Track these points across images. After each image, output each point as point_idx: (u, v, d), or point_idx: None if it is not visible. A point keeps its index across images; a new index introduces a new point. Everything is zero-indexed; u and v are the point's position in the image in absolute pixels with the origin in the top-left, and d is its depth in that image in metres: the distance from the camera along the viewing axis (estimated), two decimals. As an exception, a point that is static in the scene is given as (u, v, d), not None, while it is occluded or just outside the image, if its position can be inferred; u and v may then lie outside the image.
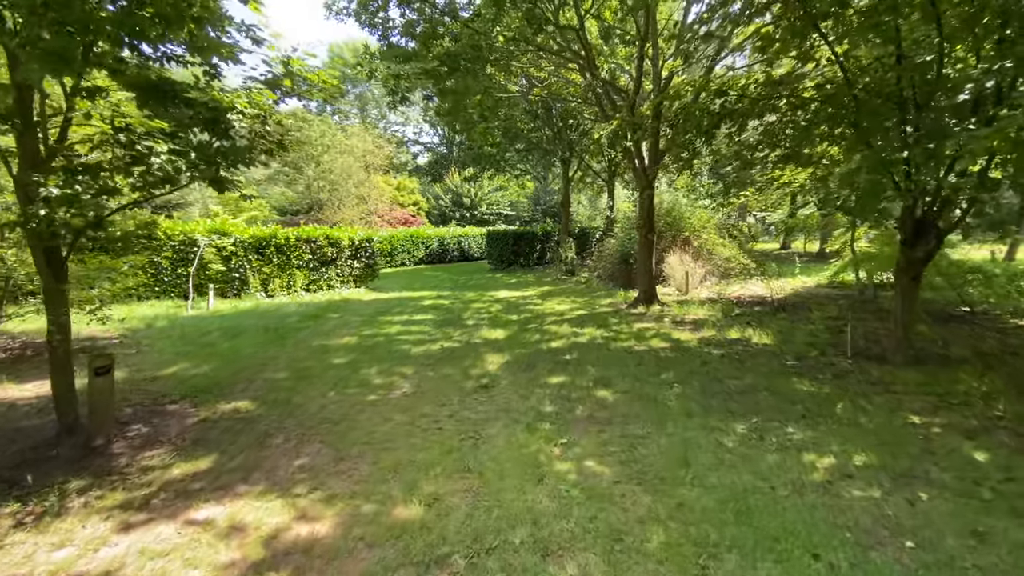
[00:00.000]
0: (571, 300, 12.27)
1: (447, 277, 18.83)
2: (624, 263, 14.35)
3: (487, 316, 10.05)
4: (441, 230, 26.38)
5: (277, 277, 13.88)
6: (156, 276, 12.01)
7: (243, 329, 7.77)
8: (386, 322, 9.31)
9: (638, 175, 10.57)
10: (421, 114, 47.89)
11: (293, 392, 4.95)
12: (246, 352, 6.36)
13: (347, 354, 6.42)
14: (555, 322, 9.21)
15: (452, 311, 10.83)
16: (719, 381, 5.27)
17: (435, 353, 6.59)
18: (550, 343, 7.36)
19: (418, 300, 12.88)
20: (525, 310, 10.81)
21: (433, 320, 9.50)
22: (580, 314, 10.16)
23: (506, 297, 13.10)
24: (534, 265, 21.82)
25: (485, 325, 8.90)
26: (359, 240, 15.70)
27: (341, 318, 9.80)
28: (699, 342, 7.41)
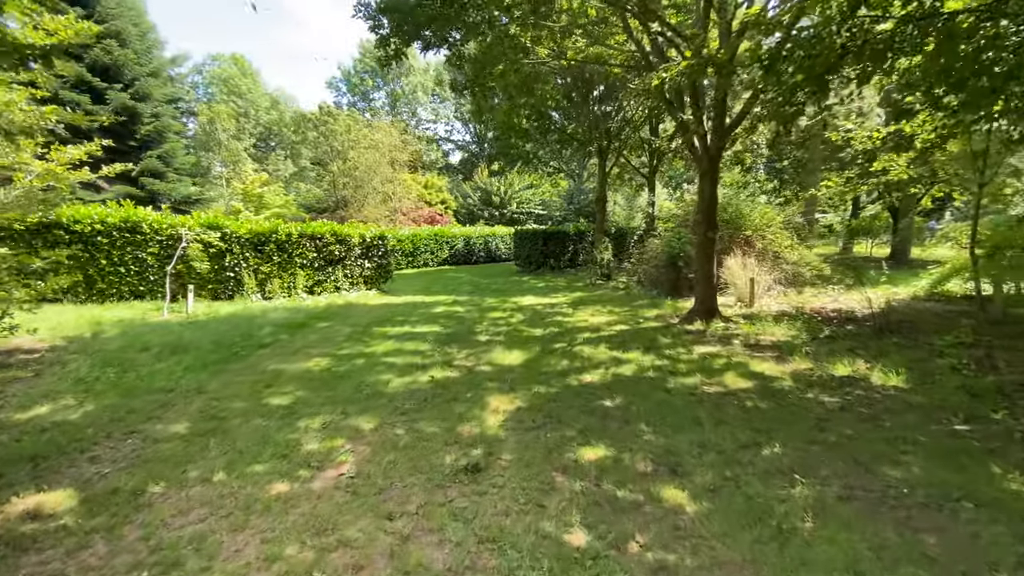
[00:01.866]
0: (608, 310, 10.23)
1: (469, 279, 17.08)
2: (672, 267, 12.18)
3: (504, 330, 8.17)
4: (467, 229, 24.73)
5: (277, 277, 12.44)
6: (141, 274, 10.74)
7: (194, 344, 6.17)
8: (380, 335, 7.56)
9: (697, 157, 8.46)
10: (453, 110, 46.61)
11: (164, 467, 3.13)
12: (159, 383, 4.66)
13: (299, 388, 4.67)
14: (589, 341, 7.24)
15: (464, 321, 9.01)
16: (866, 469, 3.17)
17: (420, 390, 4.73)
18: (581, 376, 5.40)
19: (430, 306, 11.13)
20: (552, 322, 8.87)
21: (438, 334, 7.69)
22: (621, 330, 8.13)
23: (531, 304, 11.18)
24: (565, 267, 19.82)
25: (499, 343, 7.02)
26: (371, 238, 14.13)
27: (329, 328, 8.14)
28: (794, 380, 5.30)
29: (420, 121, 48.70)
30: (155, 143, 21.50)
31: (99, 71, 19.04)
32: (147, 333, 6.98)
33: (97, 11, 19.10)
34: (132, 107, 19.87)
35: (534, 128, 19.18)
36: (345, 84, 47.35)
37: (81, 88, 18.58)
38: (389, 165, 28.68)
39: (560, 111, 19.69)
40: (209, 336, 6.77)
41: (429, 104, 47.30)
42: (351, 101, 46.64)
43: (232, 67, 46.48)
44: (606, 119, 18.76)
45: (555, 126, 20.20)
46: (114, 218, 10.43)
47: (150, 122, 20.86)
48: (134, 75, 20.24)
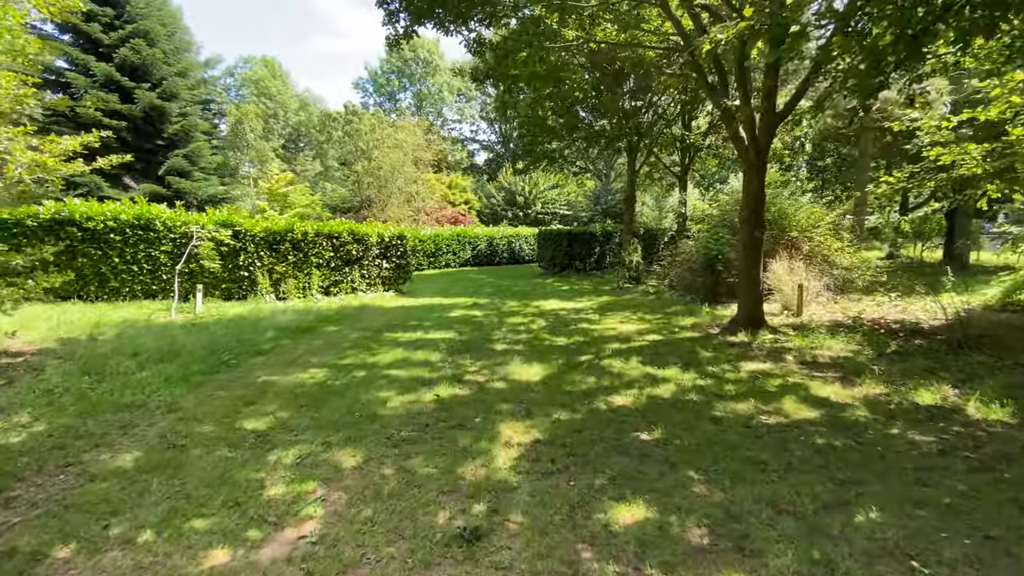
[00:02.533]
0: (639, 317, 9.39)
1: (490, 281, 16.42)
2: (708, 270, 11.22)
3: (524, 338, 7.44)
4: (490, 229, 24.11)
5: (292, 277, 12.03)
6: (154, 273, 10.46)
7: (186, 350, 5.67)
8: (388, 342, 6.94)
9: (743, 148, 7.56)
10: (478, 109, 46.16)
11: (85, 519, 2.46)
12: (130, 398, 4.04)
13: (283, 407, 4.04)
14: (619, 353, 6.44)
15: (482, 327, 8.33)
16: (1006, 552, 2.33)
17: (421, 413, 4.04)
18: (611, 397, 4.62)
19: (447, 309, 10.50)
20: (577, 330, 8.10)
21: (451, 342, 7.03)
22: (654, 340, 7.30)
23: (555, 309, 10.42)
24: (591, 270, 18.95)
25: (518, 354, 6.30)
26: (389, 237, 13.62)
27: (336, 333, 7.58)
28: (870, 409, 4.40)
29: (446, 121, 48.45)
30: (182, 142, 21.63)
31: (128, 70, 19.22)
32: (144, 336, 6.54)
33: (127, 11, 19.29)
34: (160, 106, 19.99)
35: (560, 125, 18.40)
36: (372, 85, 47.54)
37: (110, 87, 18.78)
38: (413, 165, 28.33)
39: (587, 106, 18.87)
40: (205, 341, 6.27)
41: (455, 104, 46.99)
42: (378, 102, 46.77)
43: (263, 69, 47.21)
44: (636, 114, 17.83)
45: (582, 123, 19.37)
46: (127, 215, 10.18)
47: (177, 121, 20.98)
48: (162, 74, 20.37)
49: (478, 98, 46.63)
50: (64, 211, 9.74)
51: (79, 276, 10.00)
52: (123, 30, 18.80)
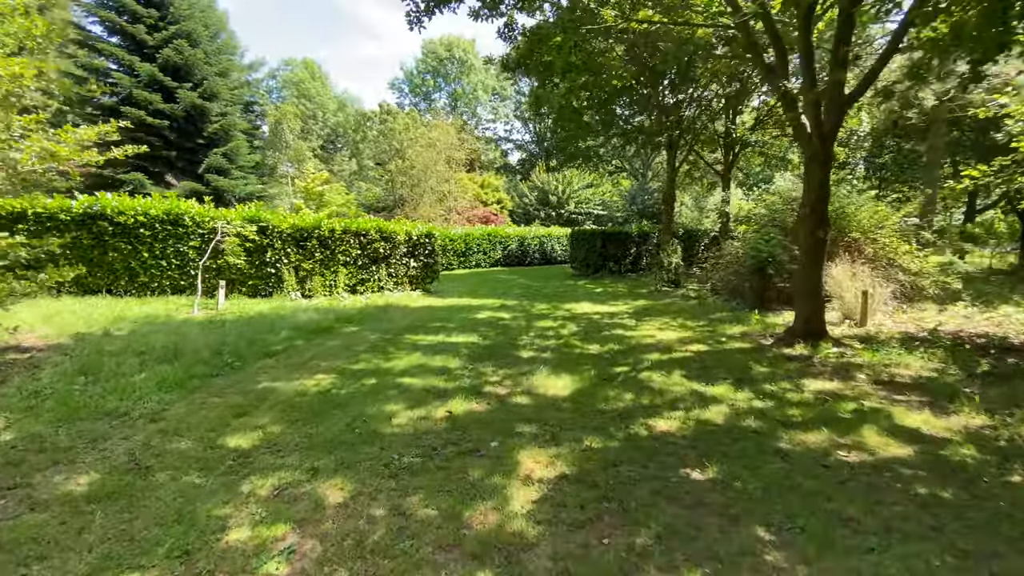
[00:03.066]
0: (679, 323, 8.61)
1: (520, 282, 15.85)
2: (758, 274, 10.28)
3: (553, 344, 6.82)
4: (522, 229, 23.55)
5: (318, 275, 11.81)
6: (182, 268, 10.40)
7: (193, 350, 5.34)
8: (407, 345, 6.46)
9: (804, 136, 6.70)
10: (512, 108, 45.73)
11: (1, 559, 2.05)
12: (115, 403, 3.68)
13: (276, 420, 3.57)
14: (659, 365, 5.74)
15: (508, 331, 7.76)
16: None
17: (429, 433, 3.49)
18: (652, 420, 3.95)
19: (473, 310, 9.99)
20: (612, 337, 7.41)
21: (473, 347, 6.48)
22: (699, 351, 6.54)
23: (587, 313, 9.74)
24: (626, 272, 18.10)
25: (545, 363, 5.70)
26: (417, 235, 13.26)
27: (355, 334, 7.16)
28: (976, 445, 3.59)
29: (480, 121, 48.25)
30: (221, 141, 22.08)
31: (170, 70, 19.73)
32: (157, 333, 6.29)
33: (171, 12, 19.82)
34: (200, 105, 20.44)
35: (595, 121, 17.65)
36: (407, 85, 47.83)
37: (153, 87, 19.31)
38: (445, 163, 28.11)
39: (625, 101, 18.03)
40: (216, 339, 5.95)
41: (489, 103, 46.71)
42: (413, 102, 47.02)
43: (303, 71, 48.28)
44: (678, 108, 16.87)
45: (619, 119, 18.54)
46: (156, 210, 10.15)
47: (217, 120, 21.42)
48: (203, 75, 20.83)
49: (512, 97, 46.21)
50: (96, 205, 9.78)
51: (110, 270, 10.04)
52: (167, 31, 19.32)
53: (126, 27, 18.51)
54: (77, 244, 9.66)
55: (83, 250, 9.74)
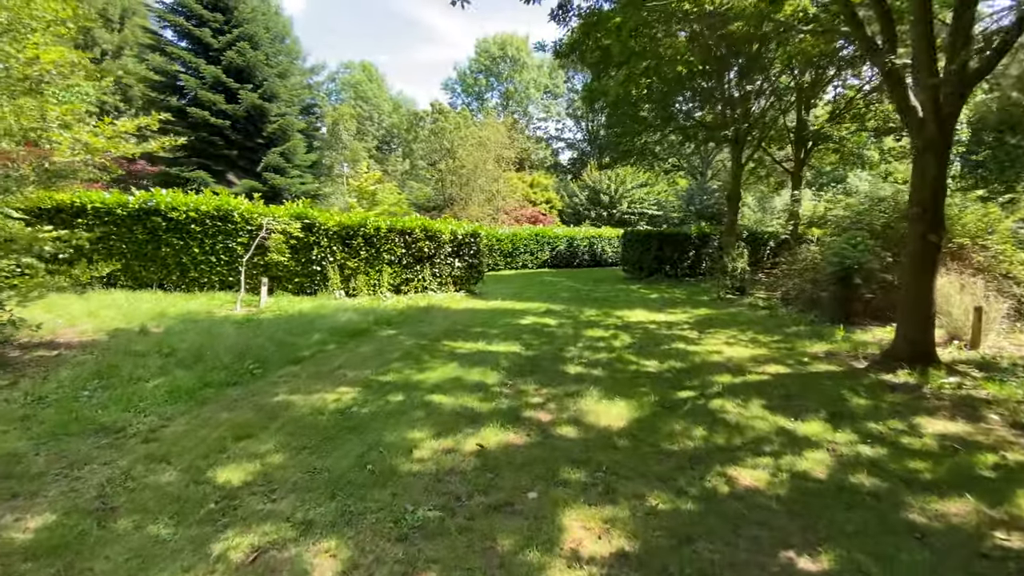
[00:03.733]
0: (750, 337, 7.60)
1: (568, 285, 15.07)
2: (843, 283, 9.02)
3: (604, 358, 6.07)
4: (571, 230, 22.72)
5: (363, 273, 11.60)
6: (230, 264, 10.44)
7: (216, 353, 5.03)
8: (444, 354, 5.93)
9: (916, 121, 5.57)
10: (565, 106, 44.82)
11: None
12: (112, 417, 3.32)
13: (281, 448, 3.06)
14: (732, 390, 4.88)
15: (554, 339, 7.07)
16: None
17: (455, 472, 2.87)
18: (734, 470, 3.15)
19: (518, 315, 9.37)
20: (672, 351, 6.56)
21: (515, 358, 5.85)
22: (778, 373, 5.59)
23: (642, 322, 8.87)
24: (683, 276, 16.90)
25: (595, 382, 4.97)
26: (462, 235, 12.82)
27: (391, 339, 6.72)
28: None
29: (531, 119, 47.63)
30: (279, 140, 22.71)
31: (233, 72, 20.45)
32: (189, 332, 6.10)
33: (235, 16, 20.54)
34: (260, 106, 21.09)
35: (653, 115, 16.58)
36: (460, 85, 48.00)
37: (217, 88, 20.08)
38: (495, 163, 27.71)
39: (687, 92, 16.83)
40: (246, 341, 5.66)
41: (541, 101, 46.00)
42: (465, 102, 47.09)
43: (361, 73, 49.57)
44: (746, 100, 15.51)
45: (679, 111, 17.36)
46: (207, 206, 10.22)
47: (275, 120, 22.03)
48: (264, 76, 21.47)
49: (565, 95, 45.30)
50: (152, 201, 9.95)
51: (163, 265, 10.20)
52: (231, 34, 20.03)
53: (193, 31, 19.35)
54: (132, 238, 9.88)
55: (137, 244, 9.94)
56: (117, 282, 9.89)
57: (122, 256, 9.94)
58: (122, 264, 9.95)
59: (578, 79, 42.66)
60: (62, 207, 9.55)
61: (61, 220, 9.56)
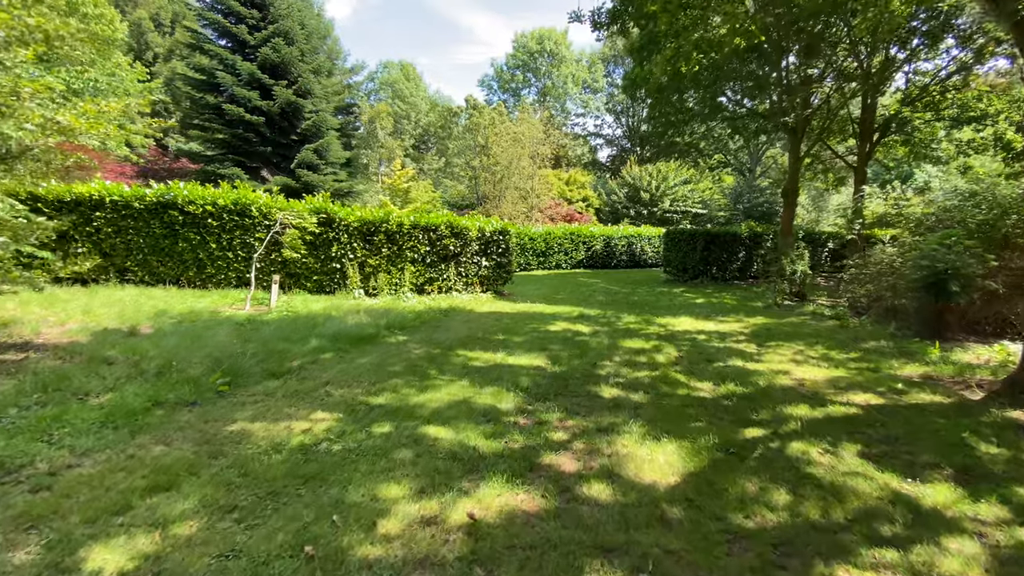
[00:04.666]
0: (821, 354, 6.40)
1: (604, 287, 14.00)
2: (932, 291, 7.59)
3: (646, 377, 5.07)
4: (608, 228, 21.53)
5: (384, 272, 10.96)
6: (247, 260, 9.99)
7: (191, 361, 4.37)
8: (455, 368, 5.08)
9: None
10: (604, 101, 43.39)
11: None
12: (21, 446, 2.60)
13: (204, 508, 2.20)
14: (813, 428, 3.80)
15: (586, 352, 6.11)
16: None
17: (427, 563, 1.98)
18: (845, 571, 2.12)
19: (547, 320, 8.45)
20: (729, 370, 5.47)
21: (539, 375, 4.95)
22: (868, 404, 4.45)
23: (689, 331, 7.76)
24: (732, 279, 15.47)
25: (635, 410, 4.01)
26: (490, 232, 12.00)
27: (397, 347, 5.94)
28: None
29: (568, 116, 46.36)
30: (313, 137, 22.59)
31: (268, 68, 20.42)
32: (177, 334, 5.52)
33: (271, 12, 20.50)
34: (295, 102, 20.98)
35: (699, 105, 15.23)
36: (496, 83, 47.30)
37: (252, 85, 20.09)
38: (530, 159, 26.79)
39: (736, 86, 15.40)
40: (232, 347, 5.01)
41: (579, 96, 44.69)
42: (502, 99, 46.38)
43: (399, 73, 49.73)
44: (807, 83, 13.95)
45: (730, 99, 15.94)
46: (224, 200, 9.80)
47: (310, 117, 21.90)
48: (298, 72, 21.36)
49: (604, 89, 43.84)
50: (169, 194, 9.60)
51: (180, 261, 9.87)
52: (266, 30, 19.98)
53: (230, 28, 19.40)
54: (149, 232, 9.57)
55: (155, 239, 9.63)
56: (129, 278, 9.62)
57: (140, 251, 9.66)
58: (140, 259, 9.68)
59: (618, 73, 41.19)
60: (81, 200, 9.34)
61: (80, 213, 9.39)
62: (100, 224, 9.42)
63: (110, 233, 9.47)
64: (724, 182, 35.16)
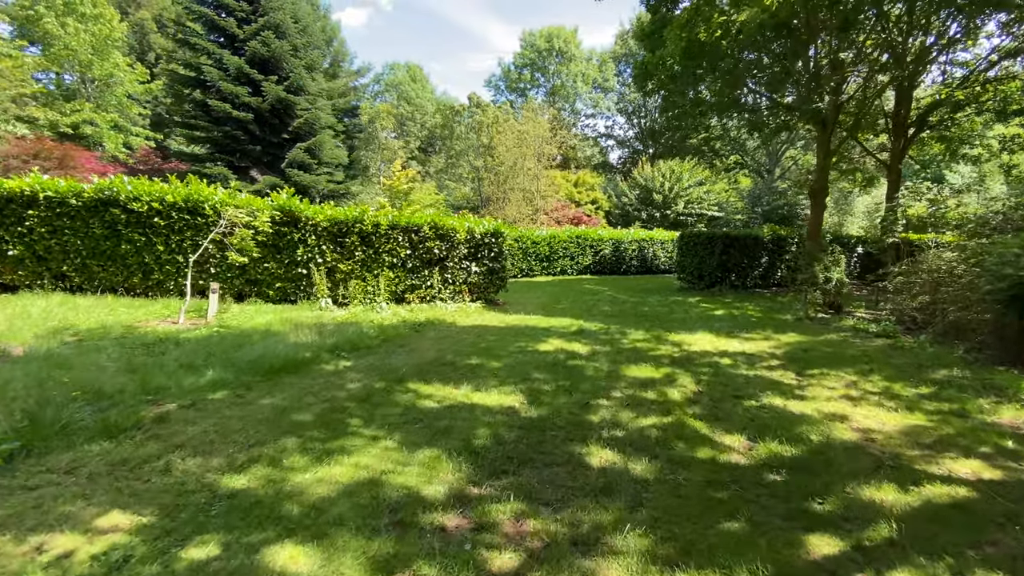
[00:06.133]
0: (883, 388, 4.97)
1: (611, 296, 12.59)
2: (1016, 305, 6.07)
3: (654, 427, 3.70)
4: (617, 232, 20.10)
5: (358, 278, 9.69)
6: (201, 264, 8.79)
7: (30, 398, 3.11)
8: (390, 415, 3.76)
9: None
10: (615, 100, 41.97)
11: None
12: None
13: None
14: (916, 533, 2.38)
15: (578, 384, 4.75)
16: None
17: None
18: None
19: (538, 337, 7.11)
20: (766, 414, 4.08)
21: (506, 424, 3.64)
22: (981, 480, 3.00)
23: (708, 352, 6.35)
24: (753, 287, 13.95)
25: (638, 494, 2.68)
26: (481, 234, 10.68)
27: (328, 382, 4.61)
28: None
29: (579, 117, 44.96)
30: (306, 136, 21.53)
31: (257, 63, 19.41)
32: (46, 360, 4.23)
33: (261, 5, 19.52)
34: (286, 99, 19.94)
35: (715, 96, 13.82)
36: (504, 83, 46.09)
37: (240, 80, 19.08)
38: (535, 159, 25.47)
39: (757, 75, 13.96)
40: (103, 379, 3.73)
41: (589, 95, 43.26)
42: (509, 99, 45.18)
43: (405, 74, 48.87)
44: (840, 68, 12.45)
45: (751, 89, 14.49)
46: (174, 196, 8.62)
47: (302, 115, 20.85)
48: (290, 68, 20.33)
49: (616, 89, 42.42)
50: (110, 190, 8.45)
51: (123, 265, 8.71)
52: (256, 23, 18.99)
53: (219, 21, 18.45)
54: (88, 233, 8.42)
55: (95, 240, 8.47)
56: (64, 285, 8.48)
57: (78, 254, 8.51)
58: (78, 263, 8.53)
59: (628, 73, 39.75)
60: (12, 196, 8.23)
61: (12, 211, 8.29)
62: (33, 224, 8.29)
63: (44, 234, 8.35)
64: (740, 184, 33.50)
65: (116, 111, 28.33)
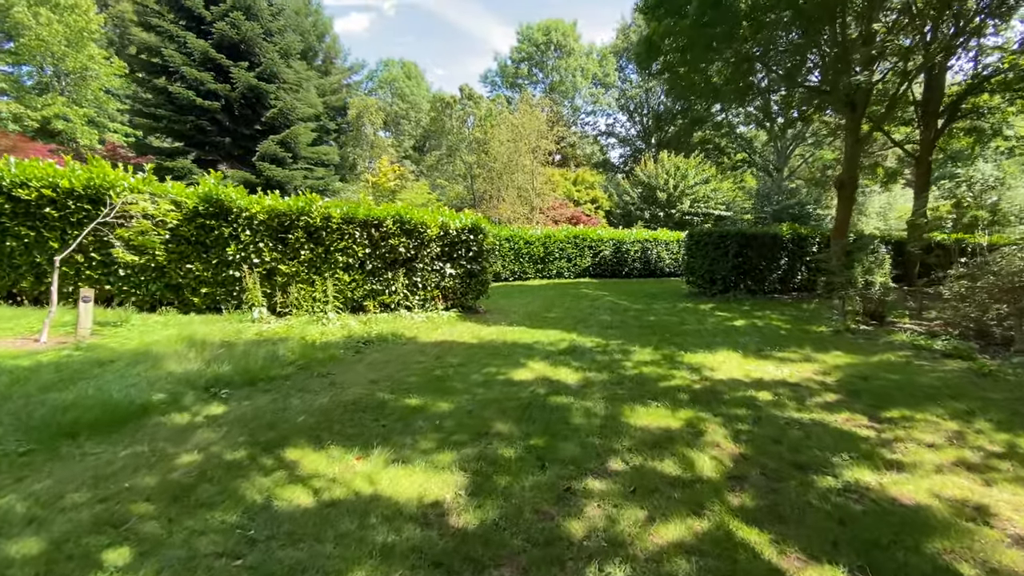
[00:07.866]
0: (1008, 445, 3.25)
1: (611, 302, 10.92)
2: None
3: (686, 539, 2.02)
4: (618, 232, 18.45)
5: (304, 282, 8.04)
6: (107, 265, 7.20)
7: None
8: (243, 510, 2.08)
9: None
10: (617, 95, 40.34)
11: None
12: None
13: None
14: None
15: (560, 443, 3.09)
16: None
17: None
18: None
19: (517, 357, 5.47)
20: (860, 505, 2.42)
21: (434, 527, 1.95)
22: None
23: (740, 382, 4.69)
24: (773, 291, 12.28)
25: None
26: (457, 230, 9.04)
27: (165, 445, 2.97)
28: None
29: (579, 114, 43.33)
30: (281, 127, 19.92)
31: (225, 48, 17.81)
32: None
33: (228, -19, 17.95)
34: (257, 87, 18.34)
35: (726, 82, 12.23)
36: (500, 78, 44.42)
37: (207, 66, 17.47)
38: (530, 154, 23.81)
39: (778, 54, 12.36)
40: None
41: (589, 91, 41.60)
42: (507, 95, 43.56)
43: (399, 71, 47.37)
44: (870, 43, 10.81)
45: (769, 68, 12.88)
46: (71, 182, 6.99)
47: (275, 104, 19.24)
48: (263, 53, 18.73)
49: (617, 85, 40.81)
50: (-10, 174, 6.82)
51: (9, 266, 7.10)
52: (225, 3, 17.40)
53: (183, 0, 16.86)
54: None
55: None
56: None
57: None
58: (-50, 265, 6.94)
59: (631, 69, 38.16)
60: None
61: None
62: None
63: None
64: (746, 183, 31.91)
65: (92, 106, 26.86)
